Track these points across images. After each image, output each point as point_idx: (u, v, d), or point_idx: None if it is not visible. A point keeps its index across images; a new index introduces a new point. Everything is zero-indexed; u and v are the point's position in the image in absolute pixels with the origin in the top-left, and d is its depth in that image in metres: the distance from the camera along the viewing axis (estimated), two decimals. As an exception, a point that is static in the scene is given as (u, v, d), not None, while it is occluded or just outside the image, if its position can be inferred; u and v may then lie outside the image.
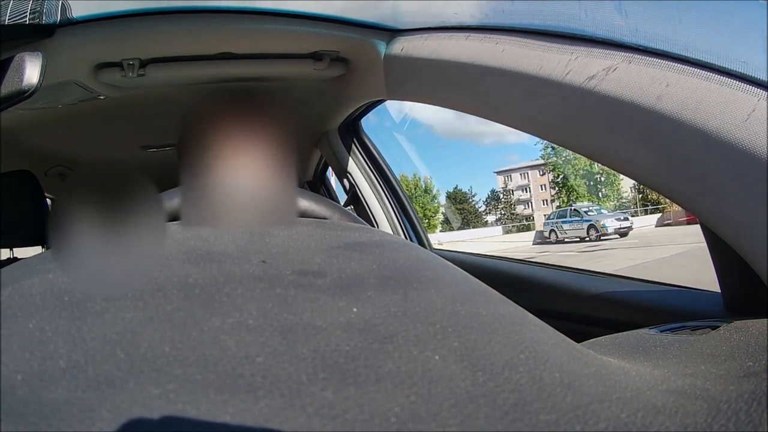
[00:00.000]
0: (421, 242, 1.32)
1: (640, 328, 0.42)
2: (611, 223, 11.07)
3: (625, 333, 0.41)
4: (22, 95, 0.55)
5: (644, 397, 0.23)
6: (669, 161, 0.41)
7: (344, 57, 0.87)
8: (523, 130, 0.57)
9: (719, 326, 0.39)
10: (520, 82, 0.52)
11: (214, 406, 0.18)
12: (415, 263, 0.31)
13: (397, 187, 1.31)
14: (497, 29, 0.57)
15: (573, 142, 0.50)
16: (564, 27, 0.50)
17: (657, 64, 0.42)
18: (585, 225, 11.46)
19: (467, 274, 0.33)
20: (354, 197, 1.30)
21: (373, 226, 1.17)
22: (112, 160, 1.43)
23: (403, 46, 0.72)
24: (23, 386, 0.19)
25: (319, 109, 1.15)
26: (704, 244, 0.50)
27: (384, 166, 1.29)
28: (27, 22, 0.67)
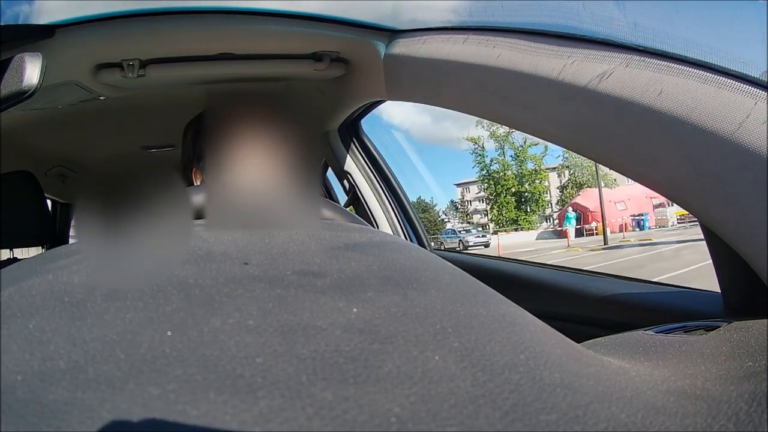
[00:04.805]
0: (421, 242, 1.32)
1: (640, 329, 0.42)
2: (471, 239, 18.46)
3: (625, 333, 0.41)
4: (22, 95, 0.55)
5: (644, 398, 0.23)
6: (668, 161, 0.41)
7: (344, 57, 0.87)
8: (521, 131, 0.57)
9: (719, 326, 0.39)
10: (517, 87, 0.52)
11: (214, 407, 0.18)
12: (415, 263, 0.31)
13: (397, 187, 1.31)
14: (496, 29, 0.58)
15: (571, 141, 0.50)
16: (563, 26, 0.50)
17: (655, 66, 0.42)
18: (457, 239, 18.79)
19: (467, 274, 0.33)
20: (354, 197, 1.30)
21: (373, 226, 1.17)
22: (119, 160, 1.43)
23: (402, 47, 0.72)
24: (23, 386, 0.19)
25: (319, 109, 1.15)
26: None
27: (384, 166, 1.29)
28: (27, 23, 0.67)
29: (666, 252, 9.30)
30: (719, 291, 0.54)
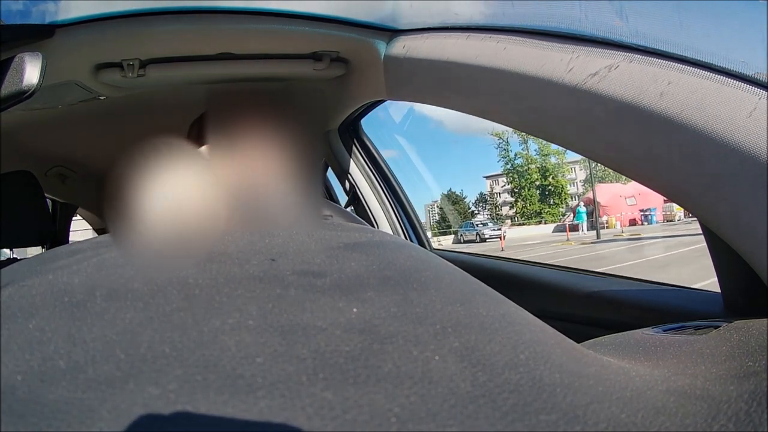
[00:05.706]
0: (421, 242, 1.32)
1: (640, 329, 0.42)
2: (487, 231, 19.88)
3: (625, 333, 0.41)
4: (22, 95, 0.55)
5: (644, 397, 0.23)
6: (669, 160, 0.41)
7: (344, 57, 0.87)
8: (523, 131, 0.57)
9: (719, 326, 0.39)
10: (522, 81, 0.52)
11: (214, 406, 0.18)
12: (415, 263, 0.31)
13: (397, 187, 1.31)
14: (498, 29, 0.57)
15: (573, 141, 0.50)
16: (565, 28, 0.50)
17: (658, 63, 0.42)
18: (474, 232, 20.57)
19: (467, 274, 0.33)
20: (354, 197, 1.30)
21: (373, 226, 1.17)
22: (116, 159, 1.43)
23: (403, 46, 0.72)
24: (23, 386, 0.19)
25: (319, 109, 1.15)
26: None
27: (384, 166, 1.29)
28: (27, 23, 0.67)
29: (640, 246, 10.18)
30: (719, 291, 0.54)
